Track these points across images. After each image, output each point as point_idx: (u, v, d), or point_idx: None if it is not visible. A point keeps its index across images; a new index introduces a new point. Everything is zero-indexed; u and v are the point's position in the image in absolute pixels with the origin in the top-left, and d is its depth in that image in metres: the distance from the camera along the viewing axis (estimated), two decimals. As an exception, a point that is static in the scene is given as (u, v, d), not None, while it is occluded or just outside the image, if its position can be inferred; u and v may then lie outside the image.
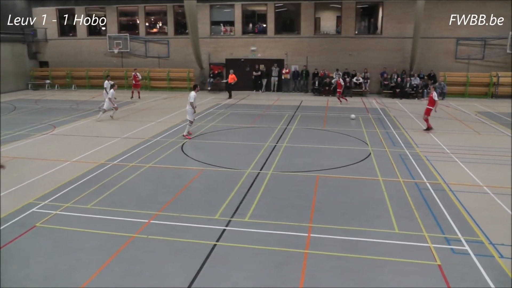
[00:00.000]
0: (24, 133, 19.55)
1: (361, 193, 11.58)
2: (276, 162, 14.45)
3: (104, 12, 38.69)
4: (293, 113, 24.50)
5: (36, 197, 11.38)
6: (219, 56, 36.24)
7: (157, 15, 39.12)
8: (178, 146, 16.90)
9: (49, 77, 39.00)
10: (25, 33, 38.55)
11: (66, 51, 39.51)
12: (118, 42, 37.44)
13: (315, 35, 34.79)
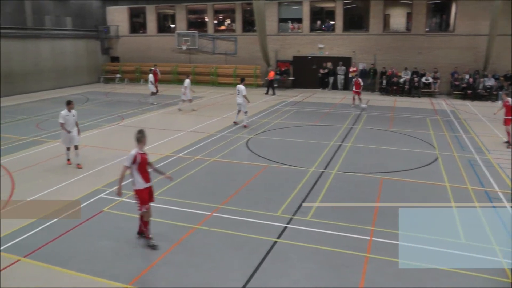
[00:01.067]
0: (95, 123, 20.68)
1: (426, 199, 11.31)
2: (341, 162, 14.40)
3: (173, 10, 39.78)
4: (359, 112, 24.21)
5: (104, 184, 12.14)
6: (286, 54, 36.25)
7: (225, 13, 39.74)
8: (243, 141, 17.20)
9: (119, 71, 40.75)
10: (99, 30, 40.69)
11: (136, 47, 41.17)
12: (186, 39, 38.41)
13: (384, 33, 33.96)
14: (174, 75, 39.10)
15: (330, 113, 24.03)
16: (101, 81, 40.60)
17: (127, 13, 41.25)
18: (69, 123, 13.58)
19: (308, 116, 23.07)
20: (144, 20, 40.96)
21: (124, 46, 41.78)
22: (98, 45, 41.27)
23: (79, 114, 15.02)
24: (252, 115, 23.00)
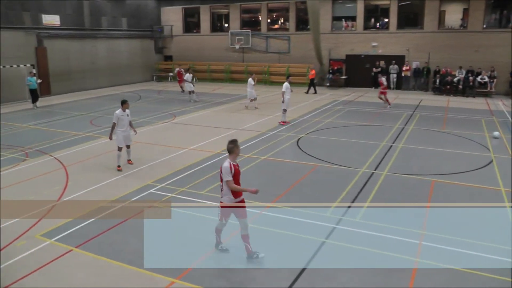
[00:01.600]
0: (147, 120, 21.54)
1: (479, 203, 11.10)
2: (391, 163, 14.40)
3: (227, 9, 40.45)
4: (412, 112, 23.99)
5: (155, 179, 12.71)
6: (340, 52, 36.19)
7: (279, 11, 40.04)
8: (294, 140, 17.45)
9: (172, 70, 41.72)
10: (153, 30, 42.09)
11: (189, 46, 42.27)
12: (239, 38, 39.03)
13: (439, 30, 33.28)
14: (227, 74, 39.81)
15: (382, 113, 23.94)
16: (154, 80, 41.95)
17: (182, 13, 42.33)
18: (123, 123, 13.67)
19: (360, 115, 23.10)
20: (198, 20, 41.93)
21: (178, 45, 42.89)
22: (152, 44, 42.64)
23: (132, 112, 15.67)
24: (303, 114, 23.29)
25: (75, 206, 10.81)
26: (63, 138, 18.16)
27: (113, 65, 37.94)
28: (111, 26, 37.66)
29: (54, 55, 32.24)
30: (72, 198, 11.48)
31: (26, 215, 10.26)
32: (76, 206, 10.85)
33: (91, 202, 11.08)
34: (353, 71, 35.71)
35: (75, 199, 11.43)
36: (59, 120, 22.34)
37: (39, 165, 14.50)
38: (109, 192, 11.82)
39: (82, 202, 11.17)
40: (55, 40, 32.37)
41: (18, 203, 11.11)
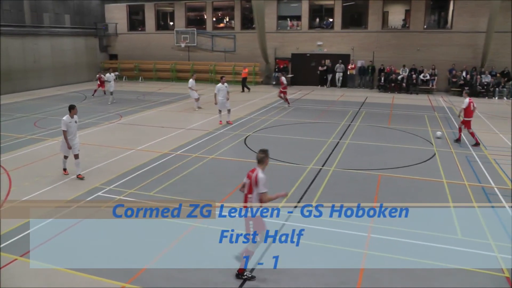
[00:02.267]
0: (93, 121, 20.77)
1: (424, 195, 11.41)
2: (339, 159, 14.47)
3: (172, 7, 39.86)
4: (358, 109, 24.31)
5: (102, 182, 12.20)
6: (285, 51, 36.32)
7: (225, 10, 39.81)
8: (241, 139, 17.28)
9: (118, 69, 40.64)
10: (97, 28, 40.82)
11: (134, 45, 41.24)
12: (185, 37, 38.51)
13: (382, 30, 34.05)
14: (173, 72, 39.17)
15: (328, 110, 24.13)
16: (99, 79, 40.68)
17: (126, 11, 41.29)
18: (72, 130, 12.46)
19: (307, 113, 23.17)
20: (143, 18, 41.01)
21: (123, 44, 41.78)
22: (97, 42, 41.33)
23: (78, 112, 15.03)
24: (250, 112, 23.15)
25: (17, 212, 10.21)
26: (5, 141, 17.04)
27: (57, 64, 36.37)
28: (53, 23, 36.13)
29: (-9, 54, 30.53)
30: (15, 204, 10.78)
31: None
32: (18, 212, 10.25)
33: (35, 206, 10.49)
34: (299, 69, 35.92)
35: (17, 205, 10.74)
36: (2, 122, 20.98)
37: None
38: (55, 196, 11.21)
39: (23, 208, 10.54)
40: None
41: None
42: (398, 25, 34.97)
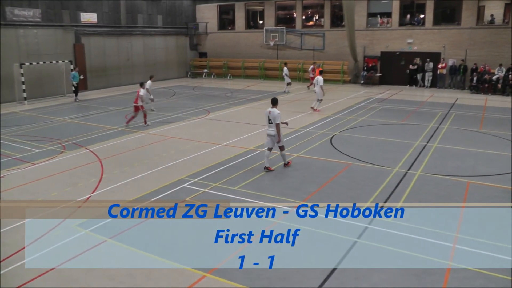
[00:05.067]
0: (181, 116, 21.96)
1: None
2: (426, 163, 14.23)
3: (262, 6, 40.58)
4: (447, 111, 23.62)
5: (187, 174, 12.95)
6: (374, 49, 35.85)
7: (314, 8, 40.01)
8: (327, 138, 17.45)
9: (207, 66, 42.44)
10: (188, 27, 42.70)
11: (224, 43, 42.62)
12: (274, 35, 39.13)
13: (477, 26, 32.44)
14: (261, 70, 39.95)
15: (417, 112, 23.65)
16: (188, 76, 42.50)
17: (216, 10, 42.74)
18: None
19: (394, 114, 22.88)
20: (233, 17, 42.24)
21: (213, 42, 43.31)
22: (187, 41, 43.28)
23: (166, 107, 15.92)
24: (337, 111, 23.22)
25: (109, 199, 11.17)
26: (99, 132, 18.70)
27: (148, 62, 38.67)
28: (146, 24, 38.42)
29: (91, 52, 33.37)
30: (107, 190, 11.87)
31: (62, 206, 10.71)
32: (109, 199, 11.22)
33: (124, 196, 11.43)
34: (388, 68, 35.33)
35: (110, 191, 11.80)
36: (95, 114, 22.97)
37: (75, 157, 15.04)
38: (143, 185, 12.12)
39: (115, 195, 11.54)
40: (92, 37, 33.39)
41: (54, 195, 11.58)
42: (496, 21, 32.87)
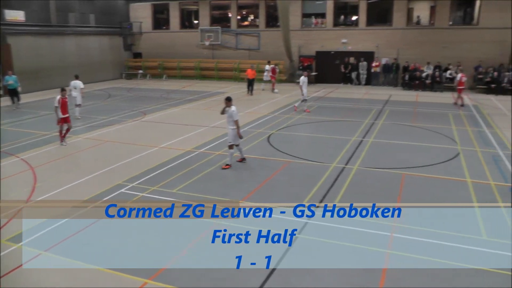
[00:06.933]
0: (117, 118, 21.12)
1: (447, 194, 11.31)
2: (362, 158, 14.45)
3: (197, 6, 40.18)
4: (382, 107, 24.20)
5: (125, 179, 12.39)
6: (310, 49, 36.27)
7: (249, 8, 40.01)
8: (265, 137, 17.35)
9: (142, 67, 41.34)
10: (122, 27, 41.47)
11: (159, 43, 41.74)
12: (209, 35, 38.77)
13: (407, 27, 33.77)
14: (197, 70, 39.50)
15: (352, 108, 24.07)
16: (123, 77, 41.28)
17: (151, 10, 41.78)
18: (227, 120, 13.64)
19: (330, 111, 23.14)
20: (168, 16, 41.48)
21: (147, 42, 42.33)
22: (121, 41, 41.98)
23: (101, 110, 15.32)
24: (274, 110, 23.22)
25: (44, 208, 10.48)
26: (30, 138, 17.50)
27: (82, 63, 36.98)
28: (79, 23, 36.85)
29: (20, 52, 31.22)
30: (41, 199, 11.09)
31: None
32: (44, 207, 10.52)
33: (60, 203, 10.75)
34: (323, 67, 35.86)
35: (44, 200, 11.05)
36: (26, 120, 21.55)
37: (4, 167, 13.84)
38: (79, 193, 11.44)
39: (50, 203, 10.83)
40: (20, 36, 31.41)
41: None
42: (423, 22, 34.59)
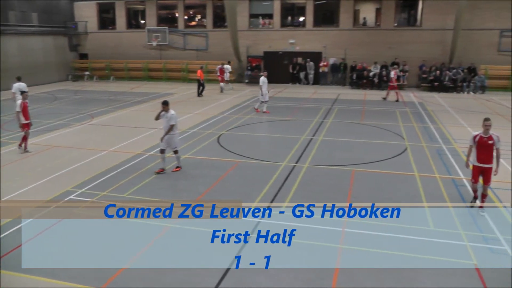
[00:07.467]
0: (64, 122, 20.30)
1: (396, 188, 11.56)
2: (312, 156, 14.53)
3: (143, 5, 39.45)
4: (330, 106, 24.46)
5: (74, 185, 11.87)
6: (258, 49, 36.32)
7: (196, 8, 39.65)
8: (215, 138, 17.17)
9: (88, 68, 40.08)
10: (66, 27, 39.93)
11: (105, 44, 40.54)
12: (157, 35, 38.11)
13: (354, 28, 34.46)
14: (145, 72, 38.76)
15: (301, 108, 24.21)
16: (69, 79, 39.79)
17: (96, 9, 40.56)
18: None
19: (280, 111, 23.14)
20: (114, 16, 40.42)
21: (93, 43, 41.05)
22: (66, 41, 40.47)
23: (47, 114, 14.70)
24: (224, 110, 23.04)
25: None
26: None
27: (26, 64, 35.14)
28: (20, 22, 35.16)
29: (-46, 53, 29.60)
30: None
31: None
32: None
33: (4, 214, 10.09)
34: (272, 67, 35.94)
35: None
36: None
37: None
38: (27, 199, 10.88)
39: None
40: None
41: None
42: (369, 23, 35.51)
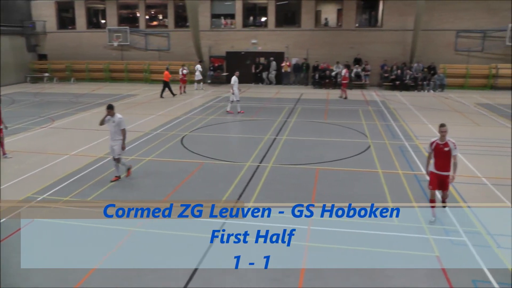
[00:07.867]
0: (23, 126, 19.58)
1: (360, 186, 11.64)
2: (276, 155, 14.50)
3: (104, 5, 38.69)
4: (293, 106, 24.54)
5: (35, 191, 11.43)
6: (220, 49, 36.19)
7: (158, 8, 39.15)
8: (178, 139, 16.94)
9: (48, 70, 38.93)
10: (24, 26, 38.58)
11: (65, 44, 39.45)
12: (118, 35, 37.42)
13: (316, 28, 34.77)
14: (106, 73, 38.00)
15: (264, 108, 24.20)
16: (28, 81, 38.56)
17: (55, 8, 39.43)
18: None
19: (244, 111, 23.04)
20: (73, 15, 39.39)
21: (53, 43, 39.89)
22: (24, 42, 39.18)
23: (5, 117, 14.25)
24: (187, 111, 22.80)
25: None
26: None
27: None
28: (-28, 20, 33.85)
29: None
30: None
31: None
32: None
33: None
34: (234, 67, 35.74)
35: None
36: None
37: None
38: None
39: None
40: None
41: None
42: (331, 24, 35.92)
